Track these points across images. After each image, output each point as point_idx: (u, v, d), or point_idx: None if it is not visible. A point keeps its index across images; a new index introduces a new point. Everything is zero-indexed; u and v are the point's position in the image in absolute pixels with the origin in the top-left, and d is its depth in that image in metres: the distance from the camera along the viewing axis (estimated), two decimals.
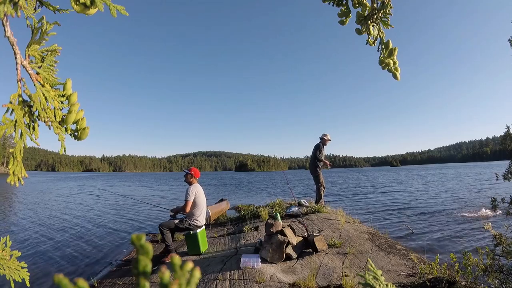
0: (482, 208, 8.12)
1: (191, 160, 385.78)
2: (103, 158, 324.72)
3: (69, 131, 0.56)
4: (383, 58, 0.69)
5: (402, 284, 2.61)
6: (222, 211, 6.95)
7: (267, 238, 3.35)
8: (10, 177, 0.49)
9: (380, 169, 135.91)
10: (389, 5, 0.67)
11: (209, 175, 79.79)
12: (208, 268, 3.23)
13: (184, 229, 3.88)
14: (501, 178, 2.68)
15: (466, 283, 2.31)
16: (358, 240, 3.97)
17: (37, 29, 0.54)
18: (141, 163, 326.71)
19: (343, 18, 0.71)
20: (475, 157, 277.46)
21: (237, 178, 47.09)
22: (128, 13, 0.50)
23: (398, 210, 8.65)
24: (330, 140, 6.49)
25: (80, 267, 4.27)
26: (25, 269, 0.73)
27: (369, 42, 0.70)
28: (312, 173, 6.39)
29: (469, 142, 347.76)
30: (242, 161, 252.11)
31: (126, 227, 7.20)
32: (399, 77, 0.70)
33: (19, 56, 0.50)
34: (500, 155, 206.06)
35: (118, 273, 3.73)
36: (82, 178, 51.34)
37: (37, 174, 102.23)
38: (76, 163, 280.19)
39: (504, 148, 2.65)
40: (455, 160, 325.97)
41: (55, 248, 5.29)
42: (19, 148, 0.49)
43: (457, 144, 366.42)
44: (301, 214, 5.15)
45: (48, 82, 0.55)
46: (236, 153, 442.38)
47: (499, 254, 2.17)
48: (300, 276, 2.83)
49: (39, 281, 3.71)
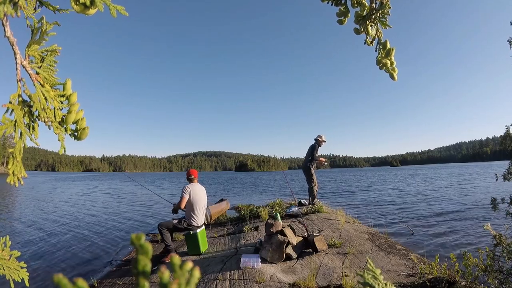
0: (482, 208, 8.12)
1: (191, 160, 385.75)
2: (103, 158, 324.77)
3: (69, 131, 0.56)
4: (380, 58, 0.70)
5: (402, 284, 2.61)
6: (222, 211, 6.95)
7: (267, 238, 3.35)
8: (10, 177, 0.49)
9: (380, 169, 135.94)
10: (387, 5, 0.67)
11: (209, 175, 79.80)
12: (208, 268, 3.23)
13: (183, 229, 3.87)
14: (501, 178, 2.68)
15: (466, 283, 2.31)
16: (358, 240, 3.97)
17: (37, 29, 0.54)
18: (141, 163, 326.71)
19: (342, 18, 0.71)
20: (475, 157, 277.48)
21: (237, 178, 47.09)
22: (128, 13, 0.50)
23: (398, 210, 8.65)
24: (325, 141, 6.65)
25: (80, 267, 4.27)
26: (25, 269, 0.73)
27: (367, 42, 0.70)
28: (306, 172, 6.49)
29: (469, 142, 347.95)
30: (242, 161, 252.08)
31: (126, 227, 7.20)
32: (396, 78, 0.70)
33: (19, 56, 0.50)
34: (500, 155, 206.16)
35: (118, 273, 3.73)
36: (84, 178, 51.33)
37: (37, 174, 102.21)
38: (76, 163, 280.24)
39: (504, 148, 2.66)
40: (455, 160, 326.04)
41: (55, 248, 5.28)
42: (19, 148, 0.49)
43: (457, 144, 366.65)
44: (301, 214, 5.15)
45: (48, 82, 0.55)
46: (236, 153, 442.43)
47: (499, 254, 2.17)
48: (300, 276, 2.83)
49: (39, 280, 3.71)
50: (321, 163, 6.71)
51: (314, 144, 6.56)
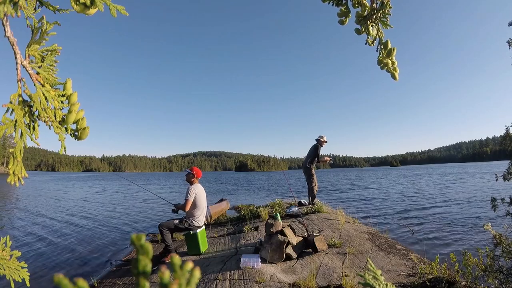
0: (482, 208, 8.12)
1: (191, 160, 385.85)
2: (103, 158, 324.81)
3: (69, 131, 0.56)
4: (381, 58, 0.70)
5: (402, 284, 2.61)
6: (222, 211, 6.95)
7: (267, 238, 3.34)
8: (10, 177, 0.49)
9: (380, 169, 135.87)
10: (388, 5, 0.67)
11: (209, 175, 79.82)
12: (208, 268, 3.23)
13: (183, 229, 3.87)
14: (500, 178, 2.68)
15: (466, 283, 2.31)
16: (358, 240, 3.97)
17: (37, 29, 0.54)
18: (141, 163, 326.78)
19: (343, 18, 0.71)
20: (475, 157, 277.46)
21: (237, 178, 47.07)
22: (128, 13, 0.50)
23: (398, 210, 8.65)
24: (327, 142, 6.70)
25: (80, 267, 4.27)
26: (25, 269, 0.73)
27: (368, 42, 0.70)
28: (306, 172, 6.51)
29: (469, 142, 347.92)
30: (242, 161, 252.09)
31: (126, 227, 7.20)
32: (397, 77, 0.70)
33: (19, 56, 0.50)
34: (500, 155, 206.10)
35: (118, 273, 3.73)
36: (84, 178, 51.33)
37: (37, 174, 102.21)
38: (76, 163, 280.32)
39: (504, 148, 2.66)
40: (455, 160, 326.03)
41: (55, 248, 5.29)
42: (19, 148, 0.49)
43: (457, 144, 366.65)
44: (301, 214, 5.15)
45: (48, 82, 0.55)
46: (236, 153, 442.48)
47: (499, 254, 2.17)
48: (300, 276, 2.83)
49: (39, 280, 3.71)
50: (326, 161, 6.77)
51: (316, 144, 6.58)
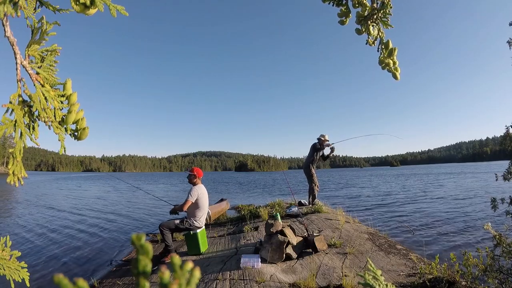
0: (482, 208, 8.12)
1: (191, 160, 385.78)
2: (103, 158, 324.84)
3: (69, 131, 0.56)
4: (383, 58, 0.70)
5: (402, 284, 2.61)
6: (222, 211, 6.95)
7: (267, 238, 3.34)
8: (10, 177, 0.49)
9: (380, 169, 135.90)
10: (389, 5, 0.67)
11: (209, 175, 79.80)
12: (208, 268, 3.23)
13: (184, 230, 3.87)
14: (500, 178, 2.68)
15: (466, 283, 2.31)
16: (358, 240, 3.97)
17: (37, 29, 0.54)
18: (141, 163, 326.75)
19: (343, 18, 0.71)
20: (475, 157, 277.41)
21: (237, 178, 47.08)
22: (128, 13, 0.50)
23: (398, 210, 8.65)
24: (328, 141, 6.58)
25: (80, 267, 4.27)
26: (25, 269, 0.73)
27: (369, 42, 0.70)
28: (306, 172, 6.47)
29: (469, 142, 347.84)
30: (242, 161, 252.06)
31: (127, 227, 7.20)
32: (399, 77, 0.70)
33: (19, 56, 0.50)
34: (500, 155, 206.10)
35: (118, 273, 3.73)
36: (84, 178, 51.32)
37: (37, 174, 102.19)
38: (76, 163, 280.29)
39: (503, 148, 2.65)
40: (455, 160, 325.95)
41: (55, 248, 5.28)
42: (19, 148, 0.49)
43: (457, 144, 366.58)
44: (301, 214, 5.15)
45: (48, 82, 0.55)
46: (236, 153, 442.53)
47: (499, 254, 2.17)
48: (300, 276, 2.83)
49: (39, 280, 3.71)
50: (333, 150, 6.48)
51: (314, 143, 6.55)
